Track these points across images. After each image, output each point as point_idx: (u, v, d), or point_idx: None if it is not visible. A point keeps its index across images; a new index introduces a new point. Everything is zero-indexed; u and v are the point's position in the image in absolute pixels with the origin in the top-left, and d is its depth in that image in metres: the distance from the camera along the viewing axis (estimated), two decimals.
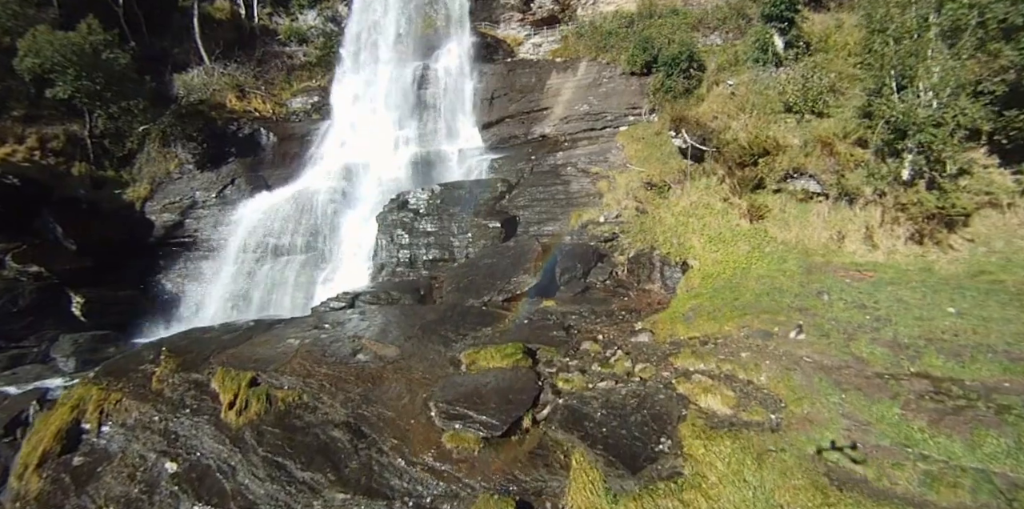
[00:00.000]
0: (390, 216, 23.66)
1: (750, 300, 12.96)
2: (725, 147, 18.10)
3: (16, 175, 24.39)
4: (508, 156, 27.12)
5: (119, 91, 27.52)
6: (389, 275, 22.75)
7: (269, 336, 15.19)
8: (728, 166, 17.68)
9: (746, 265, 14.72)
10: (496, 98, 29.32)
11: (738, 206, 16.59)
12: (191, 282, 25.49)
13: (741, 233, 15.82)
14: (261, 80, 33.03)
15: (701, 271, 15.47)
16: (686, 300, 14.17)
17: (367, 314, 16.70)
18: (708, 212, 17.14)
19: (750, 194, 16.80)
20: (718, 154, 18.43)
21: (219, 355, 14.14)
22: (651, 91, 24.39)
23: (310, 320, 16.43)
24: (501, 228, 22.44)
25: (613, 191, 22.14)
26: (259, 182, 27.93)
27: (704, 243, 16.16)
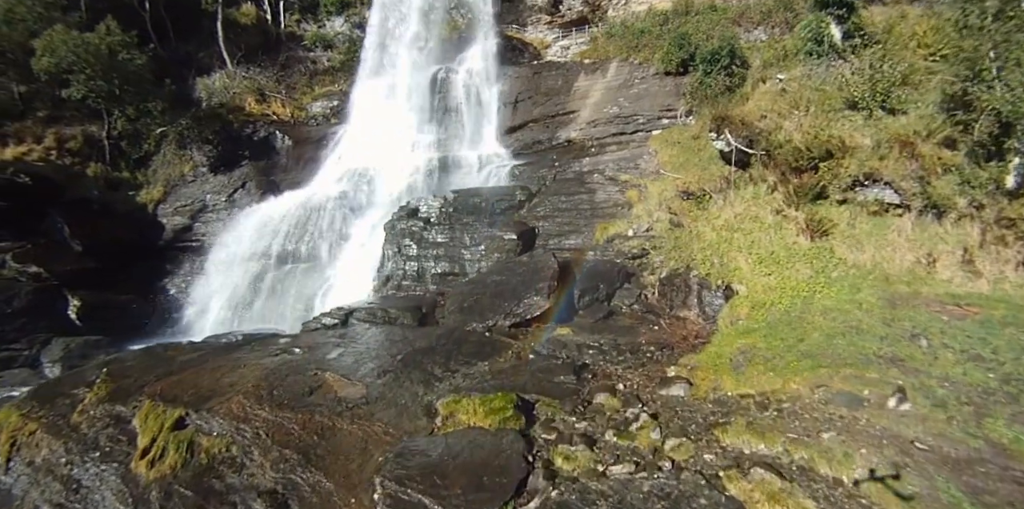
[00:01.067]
0: (398, 225, 20.61)
1: (819, 343, 9.31)
2: (776, 150, 14.47)
3: (28, 174, 22.44)
4: (530, 162, 23.86)
5: (134, 92, 25.43)
6: (394, 289, 19.65)
7: (227, 360, 12.17)
8: (781, 172, 14.04)
9: (808, 294, 11.02)
10: (520, 102, 26.11)
11: (794, 220, 12.90)
12: (195, 287, 22.84)
13: (799, 253, 12.11)
14: (283, 84, 30.60)
15: (750, 299, 11.83)
16: (732, 337, 10.57)
17: (352, 336, 13.56)
18: (757, 226, 13.48)
19: (809, 205, 13.11)
20: (768, 158, 14.79)
21: (160, 382, 11.18)
22: (688, 91, 20.81)
23: (283, 342, 13.35)
24: (517, 240, 19.12)
25: (644, 201, 18.61)
26: (270, 186, 25.30)
27: (753, 264, 12.52)
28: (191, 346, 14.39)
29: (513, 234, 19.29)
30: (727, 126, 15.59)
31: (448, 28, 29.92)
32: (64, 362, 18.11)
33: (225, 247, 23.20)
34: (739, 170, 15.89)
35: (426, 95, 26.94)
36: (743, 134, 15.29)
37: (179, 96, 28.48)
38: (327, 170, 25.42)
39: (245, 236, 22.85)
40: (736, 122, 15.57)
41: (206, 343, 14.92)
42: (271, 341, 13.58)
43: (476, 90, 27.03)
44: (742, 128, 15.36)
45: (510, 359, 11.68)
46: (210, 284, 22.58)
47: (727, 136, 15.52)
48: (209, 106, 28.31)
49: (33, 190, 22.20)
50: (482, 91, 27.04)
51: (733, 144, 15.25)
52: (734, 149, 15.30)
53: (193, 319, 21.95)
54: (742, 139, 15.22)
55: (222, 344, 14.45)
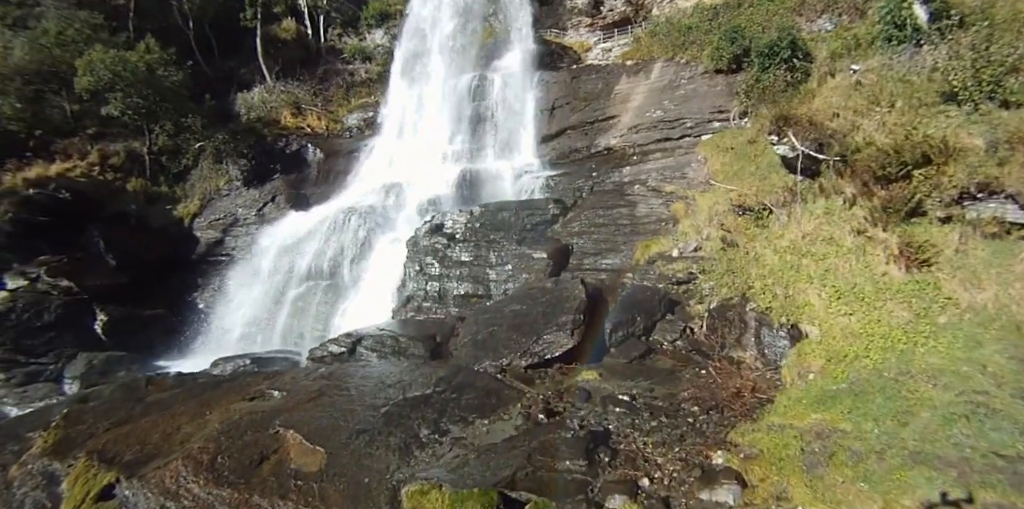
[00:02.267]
0: (421, 241, 18.50)
1: (934, 431, 6.26)
2: (854, 155, 11.36)
3: (69, 189, 21.95)
4: (567, 173, 21.31)
5: (171, 108, 24.67)
6: (414, 310, 17.53)
7: (196, 403, 10.24)
8: (862, 182, 10.94)
9: (907, 346, 7.96)
10: (557, 108, 23.61)
11: (882, 243, 9.76)
12: (221, 302, 21.54)
13: (891, 288, 8.98)
14: (320, 97, 29.34)
15: (824, 346, 8.85)
16: (804, 405, 7.62)
17: (341, 377, 11.34)
18: (832, 251, 10.38)
19: (901, 225, 9.96)
20: (843, 165, 11.68)
21: (110, 432, 9.41)
22: (742, 90, 17.72)
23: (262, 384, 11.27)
24: (548, 260, 16.64)
25: (692, 216, 15.72)
26: (299, 200, 23.83)
27: (828, 300, 9.49)
28: (174, 380, 12.70)
29: (543, 253, 16.82)
30: (790, 127, 12.59)
31: (484, 34, 27.84)
32: (83, 379, 17.23)
33: (250, 262, 21.86)
34: (806, 179, 12.82)
35: (459, 104, 24.86)
36: (810, 136, 12.25)
37: (220, 111, 27.67)
38: (355, 183, 23.74)
39: (270, 252, 21.39)
40: (802, 122, 12.54)
41: (191, 377, 13.17)
42: (254, 381, 11.56)
43: (511, 97, 24.71)
44: (809, 129, 12.32)
45: (515, 417, 9.17)
46: (235, 300, 21.21)
47: (791, 139, 12.51)
48: (247, 120, 27.34)
49: (73, 205, 21.67)
50: (517, 98, 24.69)
51: (799, 148, 12.24)
52: (800, 155, 12.28)
53: (218, 335, 20.59)
54: (809, 142, 12.19)
55: (205, 380, 12.65)
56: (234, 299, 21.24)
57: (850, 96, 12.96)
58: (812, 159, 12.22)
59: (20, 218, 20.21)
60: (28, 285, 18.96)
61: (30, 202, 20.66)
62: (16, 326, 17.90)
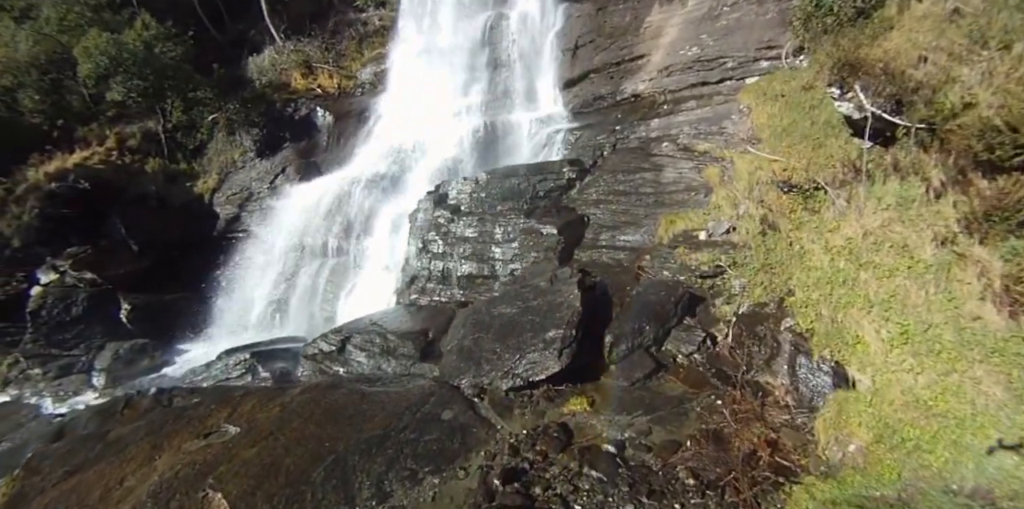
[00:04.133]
0: (423, 215, 16.44)
1: None
2: (947, 122, 7.98)
3: (88, 178, 21.24)
4: (589, 125, 18.19)
5: (175, 84, 23.04)
6: (419, 292, 15.81)
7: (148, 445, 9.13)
8: (956, 165, 7.68)
9: (997, 449, 5.29)
10: (580, 47, 19.97)
11: (979, 265, 6.59)
12: (240, 281, 20.76)
13: (985, 342, 5.91)
14: (332, 52, 26.63)
15: (875, 412, 6.21)
16: None
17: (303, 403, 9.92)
18: (903, 264, 7.33)
19: (1012, 240, 6.75)
20: (930, 135, 8.34)
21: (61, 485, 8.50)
22: (797, 18, 13.65)
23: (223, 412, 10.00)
24: (558, 236, 14.22)
25: (727, 185, 12.62)
26: (309, 169, 22.12)
27: (889, 341, 6.66)
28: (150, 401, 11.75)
29: (553, 228, 14.38)
30: (858, 78, 9.16)
31: None
32: (109, 371, 17.28)
33: (262, 239, 20.73)
34: (877, 148, 9.50)
35: (472, 49, 21.70)
36: (885, 91, 8.82)
37: (232, 79, 25.71)
38: (364, 147, 21.63)
39: (282, 227, 20.09)
40: (874, 70, 9.06)
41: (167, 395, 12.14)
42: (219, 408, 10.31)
43: (530, 37, 21.23)
44: (884, 81, 8.87)
45: (472, 475, 7.36)
46: (252, 278, 20.35)
47: (858, 94, 9.13)
48: (258, 86, 25.37)
49: (93, 193, 21.01)
50: (537, 38, 21.17)
51: (868, 108, 8.90)
52: (869, 116, 8.94)
53: (239, 314, 19.95)
54: (883, 100, 8.80)
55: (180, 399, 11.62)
56: (251, 277, 20.36)
57: (943, 31, 9.18)
58: (886, 123, 8.86)
59: (46, 213, 19.78)
60: (57, 279, 18.86)
61: (54, 196, 20.12)
62: (48, 322, 17.95)
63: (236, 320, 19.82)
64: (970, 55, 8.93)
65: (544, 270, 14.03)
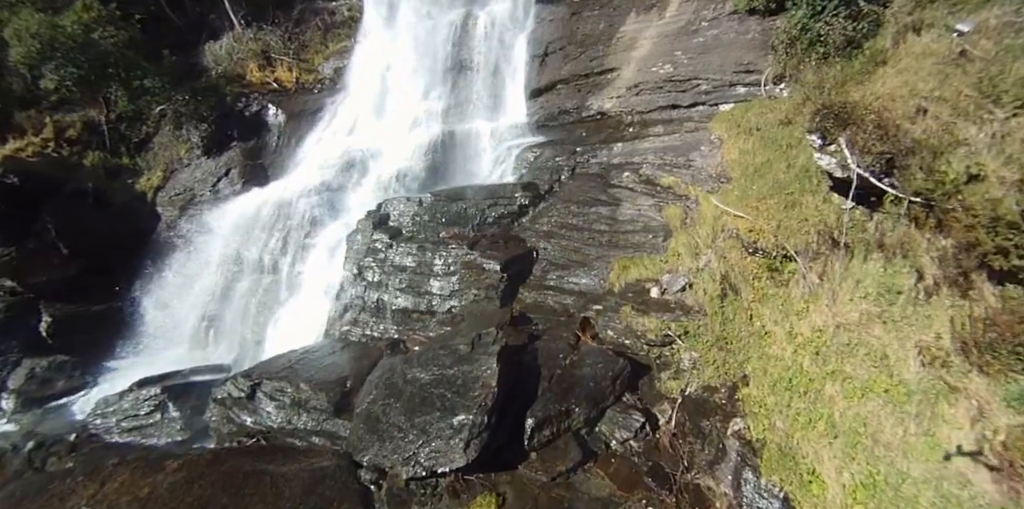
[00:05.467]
0: (361, 237, 14.39)
1: None
2: (949, 199, 6.08)
3: (18, 173, 18.62)
4: (550, 142, 16.13)
5: (116, 73, 20.42)
6: (351, 323, 13.87)
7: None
8: (956, 256, 5.80)
9: None
10: (550, 54, 17.77)
11: (975, 404, 4.83)
12: (175, 292, 18.57)
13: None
14: (295, 42, 24.03)
15: None
16: None
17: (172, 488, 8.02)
18: (879, 383, 5.48)
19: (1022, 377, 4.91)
20: (927, 210, 6.45)
21: None
22: (780, 42, 11.60)
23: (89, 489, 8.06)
24: (501, 273, 12.26)
25: (689, 229, 10.71)
26: (256, 173, 19.81)
27: (852, 487, 4.90)
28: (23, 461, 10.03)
29: (497, 264, 12.40)
30: (844, 128, 7.22)
31: None
32: (20, 394, 15.05)
33: (200, 248, 18.52)
34: (860, 211, 7.62)
35: (438, 49, 19.35)
36: (875, 147, 6.90)
37: (185, 67, 23.03)
38: (314, 152, 19.33)
39: (220, 237, 17.88)
40: (864, 121, 7.12)
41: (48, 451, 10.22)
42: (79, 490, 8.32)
43: (499, 40, 18.97)
44: (875, 136, 6.93)
45: None
46: (187, 291, 18.18)
47: (843, 149, 7.19)
48: (211, 77, 22.80)
49: (22, 190, 18.51)
50: (507, 40, 18.92)
51: (853, 168, 6.97)
52: (854, 177, 7.03)
53: (171, 329, 17.82)
54: (873, 159, 6.88)
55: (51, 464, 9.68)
56: (187, 289, 18.20)
57: (947, 77, 7.26)
58: (872, 187, 6.96)
59: None
60: None
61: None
62: None
63: (169, 335, 17.74)
64: (978, 111, 7.01)
65: (484, 311, 12.16)
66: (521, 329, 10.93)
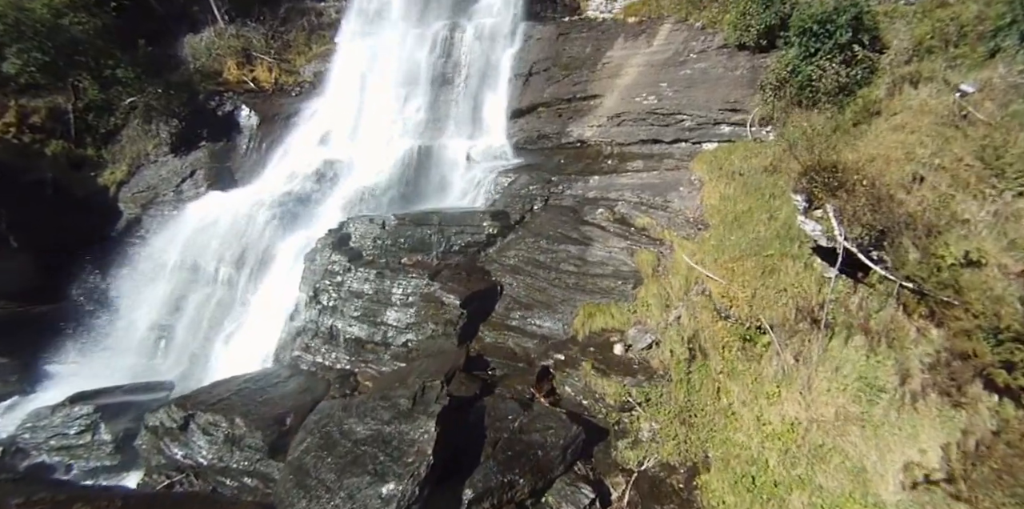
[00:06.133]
0: (319, 257, 13.26)
1: None
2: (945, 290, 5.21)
3: None
4: (527, 166, 15.15)
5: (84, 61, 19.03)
6: (302, 349, 12.76)
7: None
8: (950, 367, 4.92)
9: None
10: (534, 74, 16.81)
11: None
12: (127, 296, 17.27)
13: None
14: (278, 42, 22.72)
15: None
16: None
17: None
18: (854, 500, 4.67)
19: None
20: (917, 296, 5.59)
21: None
22: (769, 82, 10.75)
23: None
24: (461, 309, 11.24)
25: (661, 278, 9.80)
26: (222, 177, 18.49)
27: None
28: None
29: (457, 299, 11.37)
30: (832, 192, 6.35)
31: None
32: None
33: (155, 252, 17.16)
34: (843, 281, 6.74)
35: (421, 60, 18.23)
36: (865, 217, 6.04)
37: (160, 59, 21.59)
38: (284, 160, 18.11)
39: (177, 242, 16.60)
40: (853, 186, 6.25)
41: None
42: None
43: (485, 55, 17.92)
44: (864, 203, 6.07)
45: None
46: (140, 295, 16.89)
47: (829, 217, 6.32)
48: (187, 71, 21.42)
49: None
50: (492, 57, 17.85)
51: (840, 240, 6.09)
52: (841, 250, 6.15)
53: (121, 334, 16.53)
54: (863, 230, 6.02)
55: None
56: (139, 295, 16.89)
57: (947, 141, 6.45)
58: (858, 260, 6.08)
59: None
60: None
61: None
62: None
63: (117, 342, 16.44)
64: (980, 184, 6.17)
65: (440, 348, 11.14)
66: (475, 375, 9.91)
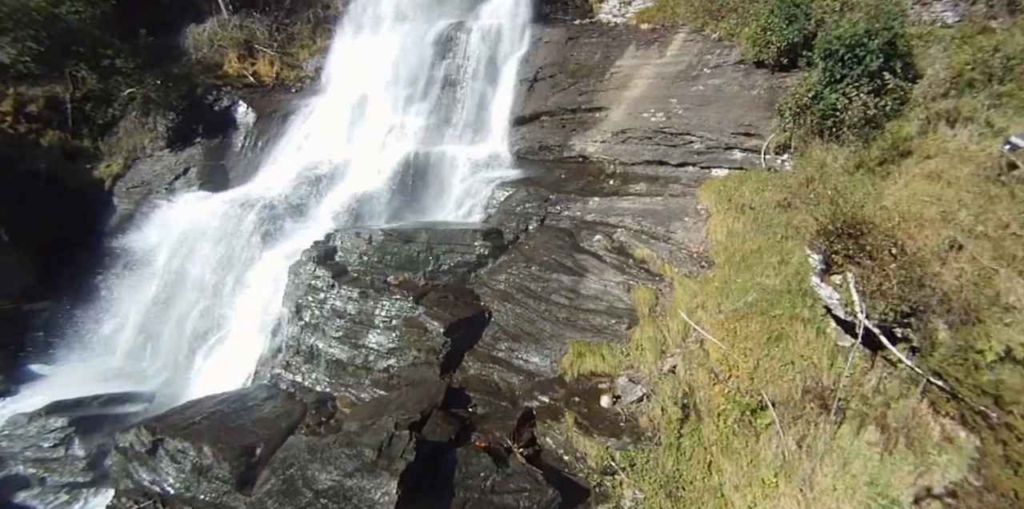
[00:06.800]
0: (303, 271, 12.47)
1: None
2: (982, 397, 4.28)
3: None
4: (526, 180, 14.16)
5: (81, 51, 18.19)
6: (283, 367, 12.02)
7: None
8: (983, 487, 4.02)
9: None
10: (539, 80, 15.75)
11: None
12: (116, 295, 16.65)
13: None
14: (283, 34, 21.68)
15: None
16: None
17: None
18: None
19: None
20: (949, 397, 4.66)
21: None
22: (788, 107, 9.64)
23: None
24: (445, 337, 10.44)
25: (658, 320, 8.88)
26: (215, 176, 17.67)
27: None
28: None
29: (442, 326, 10.56)
30: (853, 257, 5.41)
31: None
32: None
33: (145, 251, 16.50)
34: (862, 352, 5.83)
35: (423, 61, 17.21)
36: (892, 290, 5.09)
37: (162, 49, 20.58)
38: (278, 161, 17.26)
39: (165, 244, 15.92)
40: (879, 250, 5.30)
41: None
42: None
43: (490, 57, 16.86)
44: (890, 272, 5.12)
45: None
46: (128, 296, 16.26)
47: (849, 287, 5.40)
48: (188, 63, 20.53)
49: None
50: (498, 59, 16.83)
51: (861, 317, 5.17)
52: (860, 329, 5.23)
53: (108, 336, 15.94)
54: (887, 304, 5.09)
55: None
56: (128, 295, 16.27)
57: (990, 200, 5.52)
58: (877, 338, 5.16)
59: None
60: None
61: None
62: None
63: (105, 342, 15.87)
64: None
65: (422, 377, 10.40)
66: (453, 415, 9.14)
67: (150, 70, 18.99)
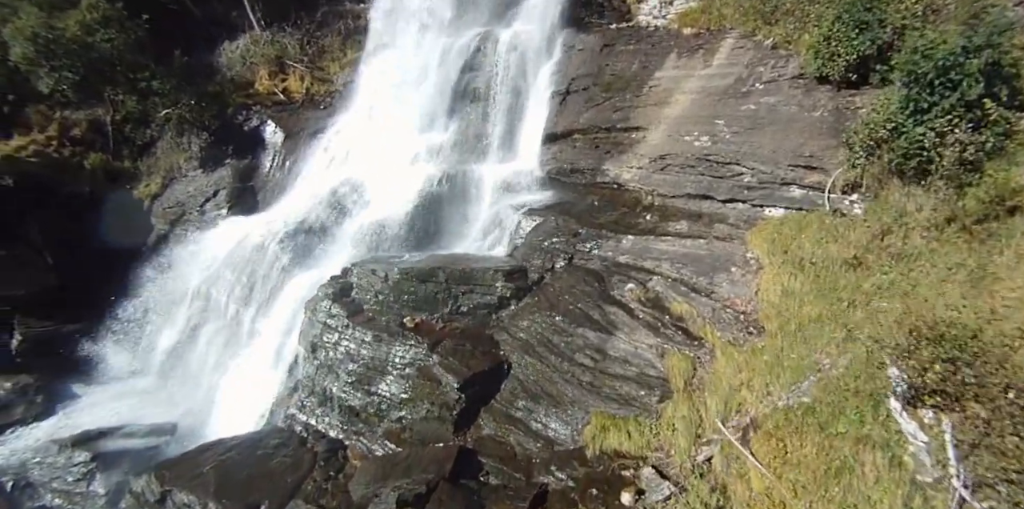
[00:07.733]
0: (319, 308, 11.89)
1: None
2: None
3: (12, 174, 17.06)
4: (556, 206, 12.99)
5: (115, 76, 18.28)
6: (298, 407, 11.54)
7: None
8: None
9: None
10: (572, 93, 14.41)
11: None
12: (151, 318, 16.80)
13: None
14: (313, 47, 21.13)
15: None
16: None
17: None
18: None
19: None
20: None
21: None
22: (858, 138, 7.94)
23: None
24: (460, 393, 9.58)
25: (694, 395, 7.58)
26: (244, 197, 17.44)
27: None
28: None
29: (457, 381, 9.70)
30: (949, 392, 3.99)
31: None
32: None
33: (177, 275, 16.55)
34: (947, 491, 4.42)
35: (448, 74, 16.22)
36: (1001, 447, 3.68)
37: (200, 67, 20.63)
38: (303, 183, 16.79)
39: (195, 268, 15.87)
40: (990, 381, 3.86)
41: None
42: None
43: (520, 68, 15.65)
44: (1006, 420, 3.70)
45: None
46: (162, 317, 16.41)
47: (944, 434, 4.00)
48: (221, 81, 20.42)
49: (15, 192, 16.95)
50: (529, 69, 15.60)
51: (956, 485, 3.78)
52: (955, 498, 3.85)
53: (142, 356, 16.19)
54: (991, 467, 3.68)
55: None
56: (161, 316, 16.42)
57: None
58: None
59: None
60: None
61: None
62: None
63: (139, 362, 16.13)
64: None
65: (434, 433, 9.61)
66: (462, 487, 8.27)
67: (185, 89, 18.93)
